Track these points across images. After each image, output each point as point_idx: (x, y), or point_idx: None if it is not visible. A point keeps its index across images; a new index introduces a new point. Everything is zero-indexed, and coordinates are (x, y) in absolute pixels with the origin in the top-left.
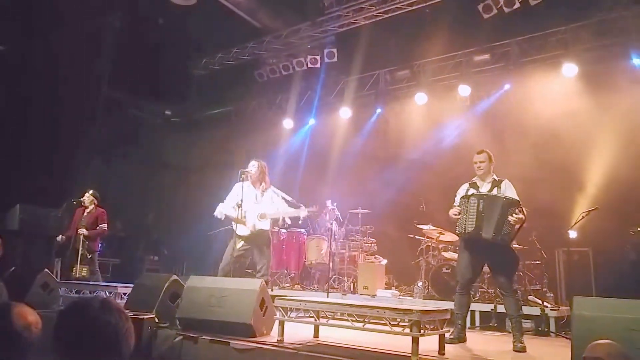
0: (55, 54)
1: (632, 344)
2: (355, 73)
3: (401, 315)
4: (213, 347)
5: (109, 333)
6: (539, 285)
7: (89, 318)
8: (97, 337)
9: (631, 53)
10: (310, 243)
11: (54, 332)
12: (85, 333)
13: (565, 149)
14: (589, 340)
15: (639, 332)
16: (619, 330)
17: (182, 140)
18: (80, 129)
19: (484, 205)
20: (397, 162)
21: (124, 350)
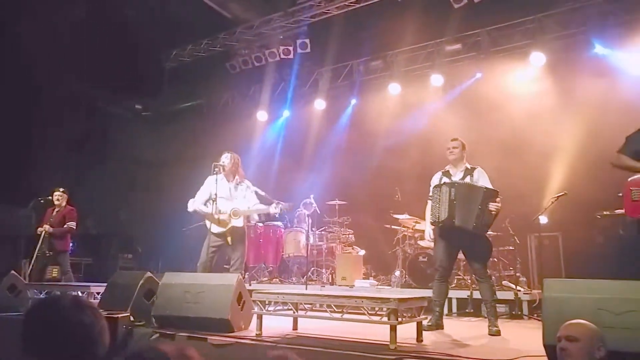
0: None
1: (600, 323)
2: (328, 64)
3: (379, 304)
4: (190, 343)
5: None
6: (513, 271)
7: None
8: (69, 336)
9: (594, 42)
10: (288, 236)
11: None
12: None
13: (535, 136)
14: (559, 321)
15: (605, 311)
16: (587, 310)
17: (153, 135)
18: (47, 124)
19: (456, 193)
20: (373, 153)
21: (99, 350)
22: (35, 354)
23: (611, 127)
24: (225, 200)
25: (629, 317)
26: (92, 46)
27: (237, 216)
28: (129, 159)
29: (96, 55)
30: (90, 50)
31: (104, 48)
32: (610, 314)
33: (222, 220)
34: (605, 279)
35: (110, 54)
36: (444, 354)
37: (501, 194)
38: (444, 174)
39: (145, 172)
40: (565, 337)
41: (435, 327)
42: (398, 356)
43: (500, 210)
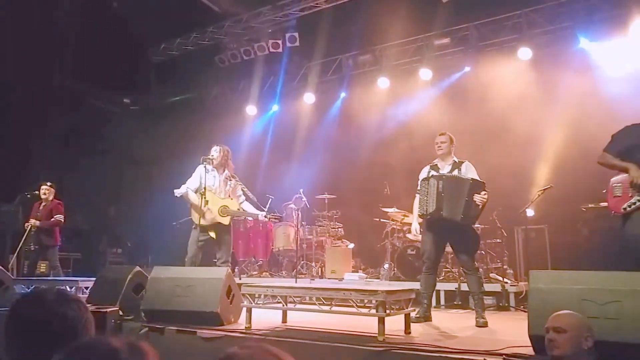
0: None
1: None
2: (318, 58)
3: (367, 296)
4: (180, 337)
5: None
6: (500, 263)
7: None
8: (54, 330)
9: (579, 37)
10: (278, 230)
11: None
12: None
13: (523, 130)
14: (545, 312)
15: (590, 302)
16: (572, 301)
17: (142, 129)
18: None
19: (444, 185)
20: (362, 147)
21: None
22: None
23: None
24: (213, 194)
25: (612, 308)
26: (79, 39)
27: (225, 215)
28: (117, 154)
29: (83, 49)
30: (77, 43)
31: (90, 41)
32: (595, 305)
33: (208, 214)
34: (590, 271)
35: (98, 48)
36: (431, 346)
37: (489, 187)
38: (431, 167)
39: (135, 167)
40: (553, 328)
41: (423, 319)
42: (386, 348)
43: (488, 202)
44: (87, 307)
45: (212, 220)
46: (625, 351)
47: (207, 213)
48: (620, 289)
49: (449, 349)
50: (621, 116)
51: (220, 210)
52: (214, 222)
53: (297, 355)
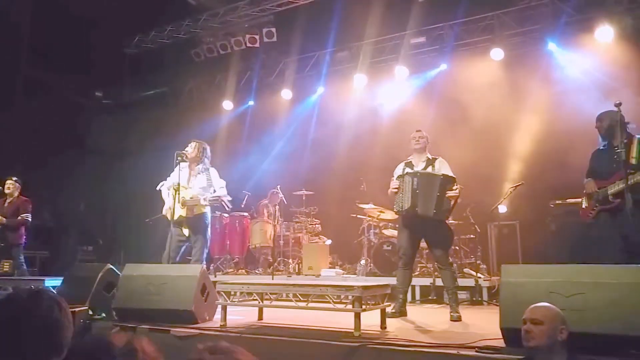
0: None
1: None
2: (295, 54)
3: (343, 291)
4: (153, 336)
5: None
6: (473, 258)
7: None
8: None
9: (547, 40)
10: (254, 227)
11: None
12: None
13: (496, 128)
14: (515, 304)
15: (557, 294)
16: (540, 293)
17: (115, 123)
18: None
19: (418, 182)
20: (339, 143)
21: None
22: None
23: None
24: (184, 189)
25: (577, 299)
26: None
27: (183, 206)
28: (88, 148)
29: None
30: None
31: (61, 32)
32: (561, 297)
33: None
34: (558, 264)
35: (69, 39)
36: (406, 340)
37: (463, 183)
38: (406, 164)
39: (107, 162)
40: (530, 319)
41: (398, 314)
42: (362, 343)
43: (460, 197)
44: (65, 306)
45: (178, 214)
46: (589, 341)
47: (170, 208)
48: (585, 282)
49: (423, 344)
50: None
51: (181, 202)
52: (180, 217)
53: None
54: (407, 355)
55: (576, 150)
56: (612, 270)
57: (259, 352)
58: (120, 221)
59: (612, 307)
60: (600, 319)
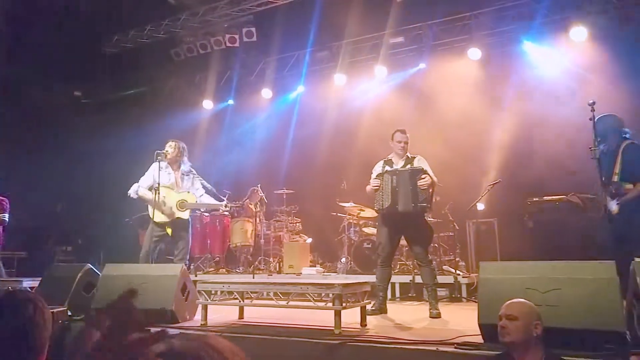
0: None
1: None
2: (275, 53)
3: (324, 289)
4: None
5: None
6: (452, 255)
7: None
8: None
9: (522, 39)
10: (235, 226)
11: None
12: None
13: (474, 126)
14: (493, 301)
15: (533, 290)
16: (517, 290)
17: (93, 123)
18: None
19: (397, 180)
20: (319, 142)
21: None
22: None
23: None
24: (170, 190)
25: (552, 295)
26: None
27: (184, 209)
28: (67, 148)
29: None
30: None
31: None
32: (537, 293)
33: (165, 210)
34: (534, 261)
35: (46, 37)
36: (386, 337)
37: (441, 181)
38: (385, 162)
39: (86, 162)
40: (505, 315)
41: (379, 312)
42: (342, 340)
43: (434, 184)
44: (42, 306)
45: (170, 216)
46: (564, 336)
47: (165, 209)
48: (560, 277)
49: (403, 340)
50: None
51: (179, 204)
52: (173, 218)
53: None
54: (387, 352)
55: (552, 148)
56: (586, 266)
57: None
58: (99, 221)
59: (586, 303)
60: (575, 314)
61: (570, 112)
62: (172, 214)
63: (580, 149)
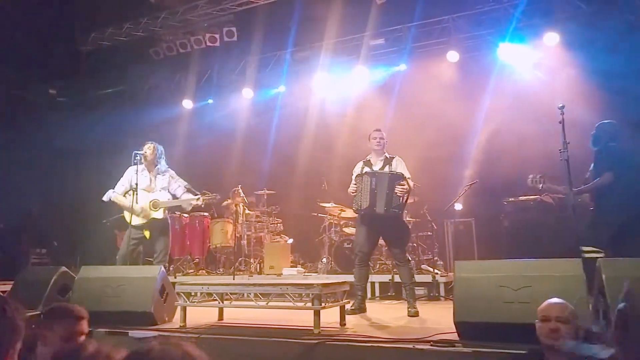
0: None
1: (501, 298)
2: (256, 53)
3: (303, 289)
4: (110, 338)
5: None
6: (430, 255)
7: None
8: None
9: (499, 43)
10: (215, 226)
11: None
12: None
13: (452, 128)
14: (468, 299)
15: (506, 288)
16: (491, 288)
17: (70, 122)
18: None
19: (376, 182)
20: (300, 142)
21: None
22: None
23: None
24: (145, 192)
25: (524, 292)
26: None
27: (157, 208)
28: (42, 148)
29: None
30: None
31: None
32: (510, 290)
33: (141, 213)
34: (508, 259)
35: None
36: (364, 336)
37: (419, 182)
38: (365, 163)
39: (61, 162)
40: (556, 318)
41: (358, 311)
42: (321, 340)
43: (410, 191)
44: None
45: (146, 217)
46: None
47: (140, 211)
48: (532, 275)
49: (380, 339)
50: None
51: (152, 205)
52: (148, 219)
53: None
54: (365, 350)
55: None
56: (555, 263)
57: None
58: (76, 223)
59: None
60: None
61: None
62: (148, 215)
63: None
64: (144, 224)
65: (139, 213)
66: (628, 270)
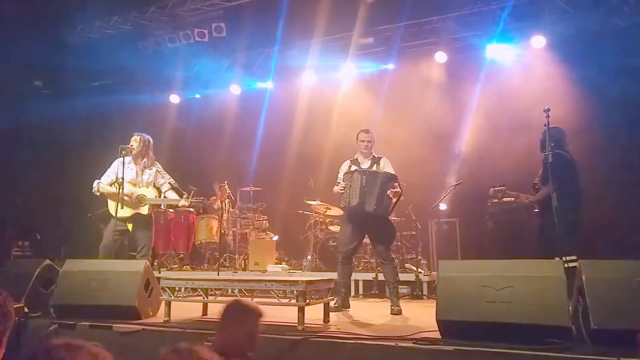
0: None
1: (483, 298)
2: (244, 50)
3: (288, 286)
4: (94, 332)
5: None
6: (414, 254)
7: None
8: None
9: (486, 45)
10: (200, 222)
11: None
12: None
13: (438, 128)
14: (451, 298)
15: (488, 287)
16: (474, 287)
17: (55, 114)
18: None
19: (367, 180)
20: (287, 140)
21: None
22: None
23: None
24: (130, 185)
25: (506, 292)
26: None
27: (143, 204)
28: (27, 140)
29: None
30: None
31: None
32: (493, 290)
33: (125, 205)
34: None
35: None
36: (347, 333)
37: (405, 181)
38: (352, 162)
39: (46, 154)
40: None
41: (341, 308)
42: (305, 336)
43: (401, 194)
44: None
45: (130, 211)
46: (515, 331)
47: (125, 204)
48: (513, 275)
49: (363, 336)
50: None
51: (138, 199)
52: (132, 214)
53: None
54: (347, 347)
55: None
56: (536, 264)
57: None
58: (60, 216)
59: (535, 299)
60: (525, 310)
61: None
62: (132, 208)
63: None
64: (128, 217)
65: (124, 206)
66: (607, 271)
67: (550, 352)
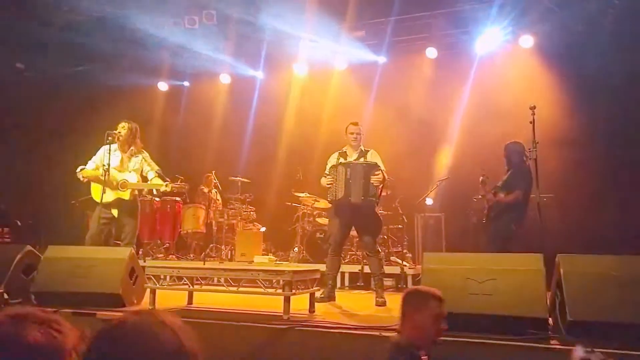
0: None
1: (467, 290)
2: (235, 39)
3: (274, 275)
4: (76, 320)
5: None
6: (400, 247)
7: None
8: None
9: (475, 41)
10: (187, 212)
11: None
12: None
13: (427, 124)
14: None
15: (472, 280)
16: (458, 279)
17: (38, 99)
18: None
19: (351, 172)
20: (276, 131)
21: None
22: None
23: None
24: (115, 170)
25: (488, 285)
26: None
27: (125, 189)
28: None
29: None
30: None
31: None
32: (475, 282)
33: (109, 189)
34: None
35: None
36: (332, 323)
37: (393, 175)
38: (340, 154)
39: (28, 139)
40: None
41: (327, 299)
42: (290, 325)
43: (384, 179)
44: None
45: (112, 195)
46: (496, 322)
47: (108, 189)
48: (496, 269)
49: (348, 326)
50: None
51: (120, 184)
52: (114, 198)
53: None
54: (332, 336)
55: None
56: (517, 258)
57: None
58: (42, 202)
59: (515, 292)
60: (505, 302)
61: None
62: (114, 194)
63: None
64: (111, 202)
65: (106, 191)
66: (584, 265)
67: (526, 342)
